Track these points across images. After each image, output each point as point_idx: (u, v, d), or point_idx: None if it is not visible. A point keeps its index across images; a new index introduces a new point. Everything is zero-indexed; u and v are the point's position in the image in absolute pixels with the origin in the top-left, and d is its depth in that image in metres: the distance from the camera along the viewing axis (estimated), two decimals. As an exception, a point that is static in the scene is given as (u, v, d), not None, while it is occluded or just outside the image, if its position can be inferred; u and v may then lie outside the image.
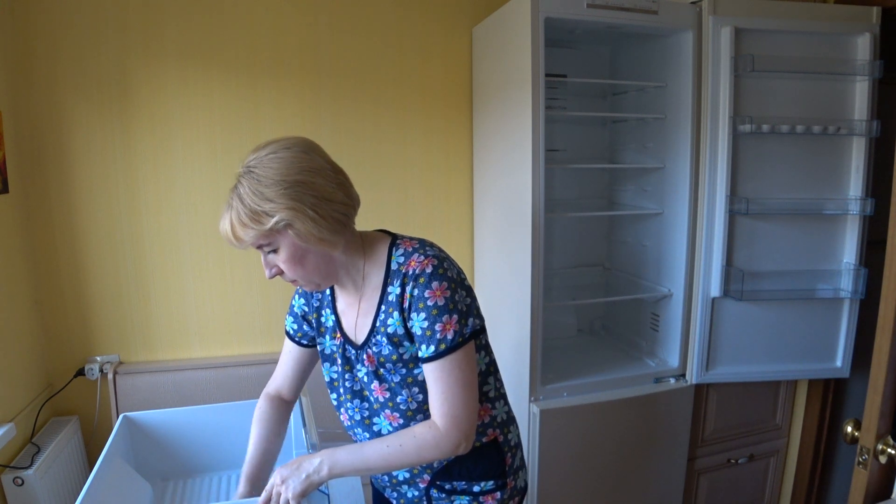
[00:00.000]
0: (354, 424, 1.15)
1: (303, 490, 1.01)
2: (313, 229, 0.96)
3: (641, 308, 2.18)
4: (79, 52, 1.88)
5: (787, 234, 1.89)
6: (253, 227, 0.95)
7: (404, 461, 1.02)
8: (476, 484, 1.11)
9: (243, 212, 0.95)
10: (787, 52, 1.79)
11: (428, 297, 0.99)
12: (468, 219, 2.37)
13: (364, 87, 2.17)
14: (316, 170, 0.97)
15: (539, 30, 1.70)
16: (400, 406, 1.07)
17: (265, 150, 0.98)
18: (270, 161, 0.96)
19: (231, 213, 0.96)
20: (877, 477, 1.13)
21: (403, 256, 1.04)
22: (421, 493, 1.13)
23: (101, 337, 2.04)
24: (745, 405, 2.13)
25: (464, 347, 1.00)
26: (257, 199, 0.94)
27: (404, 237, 1.09)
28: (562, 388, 1.88)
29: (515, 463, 1.17)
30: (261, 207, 0.94)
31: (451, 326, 0.99)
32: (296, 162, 0.96)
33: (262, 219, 0.94)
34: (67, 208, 1.94)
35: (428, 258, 1.01)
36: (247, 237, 0.96)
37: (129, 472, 1.30)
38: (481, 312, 1.08)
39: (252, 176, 0.96)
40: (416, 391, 1.06)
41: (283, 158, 0.96)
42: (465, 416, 1.00)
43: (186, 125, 2.00)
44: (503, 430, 1.14)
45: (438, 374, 1.00)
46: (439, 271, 1.00)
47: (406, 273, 1.01)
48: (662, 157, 2.02)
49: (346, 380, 1.13)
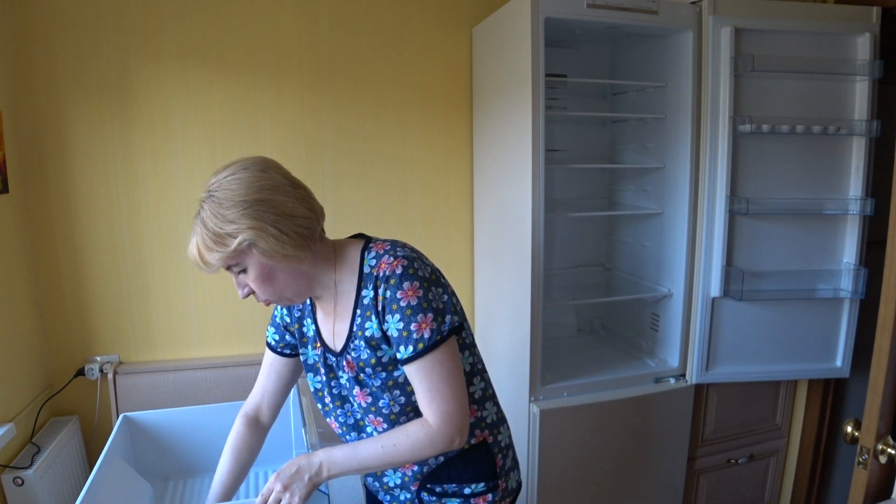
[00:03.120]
0: (347, 430, 1.15)
1: (307, 494, 1.02)
2: (277, 246, 0.97)
3: (641, 308, 2.18)
4: (79, 52, 1.88)
5: (787, 234, 1.89)
6: (218, 249, 0.96)
7: (400, 459, 1.02)
8: (467, 486, 1.11)
9: (207, 236, 0.96)
10: (786, 52, 1.79)
11: (400, 298, 0.99)
12: (468, 218, 2.37)
13: (364, 87, 2.17)
14: (274, 187, 0.98)
15: (539, 30, 1.70)
16: (382, 410, 1.07)
17: (224, 173, 0.98)
18: (229, 183, 0.97)
19: (196, 238, 0.97)
20: (877, 477, 1.13)
21: (375, 259, 1.04)
22: (413, 495, 1.13)
23: (101, 337, 2.04)
24: (745, 405, 2.13)
25: (444, 345, 1.00)
26: (219, 221, 0.95)
27: (377, 240, 1.09)
28: (562, 388, 1.88)
29: (507, 464, 1.16)
30: (223, 230, 0.95)
31: (426, 325, 0.99)
32: (254, 181, 0.97)
33: (225, 240, 0.95)
34: (67, 208, 1.94)
35: (397, 259, 1.01)
36: (213, 260, 0.97)
37: (129, 472, 1.30)
38: (461, 310, 1.08)
39: (213, 200, 0.96)
40: (397, 394, 1.06)
41: (241, 179, 0.97)
42: (455, 410, 1.00)
43: (186, 125, 2.00)
44: (493, 432, 1.14)
45: (422, 373, 1.00)
46: (409, 271, 1.00)
47: (377, 276, 1.01)
48: (662, 157, 2.02)
49: (332, 387, 1.13)
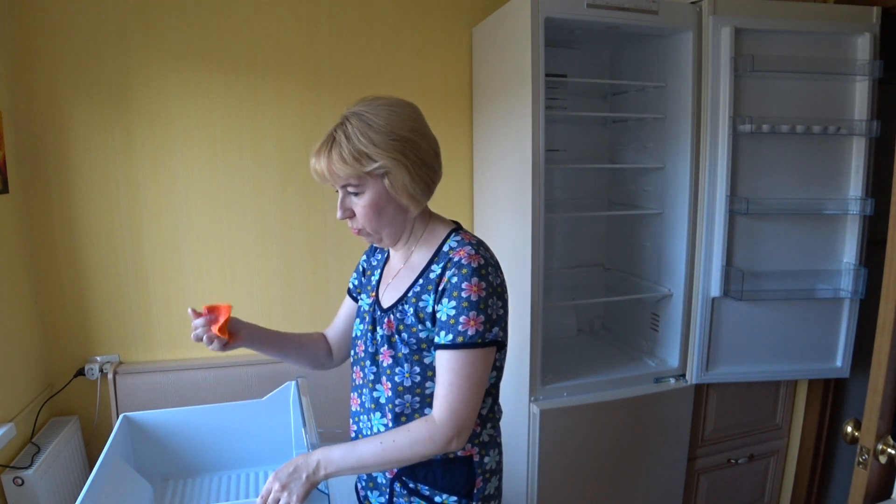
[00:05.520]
0: (362, 384, 1.15)
1: (305, 493, 1.02)
2: (408, 184, 1.01)
3: (641, 308, 2.18)
4: (79, 53, 1.88)
5: (787, 234, 1.89)
6: (353, 165, 0.99)
7: (398, 457, 1.01)
8: (438, 495, 1.09)
9: (348, 149, 0.98)
10: (786, 52, 1.79)
11: (464, 289, 0.99)
12: (468, 219, 2.37)
13: (364, 87, 2.16)
14: (423, 133, 1.03)
15: (539, 30, 1.70)
16: (395, 377, 1.07)
17: (378, 101, 1.02)
18: (382, 110, 1.00)
19: (334, 149, 1.00)
20: (877, 477, 1.12)
21: (457, 244, 1.06)
22: (387, 482, 1.13)
23: (101, 337, 2.04)
24: (745, 405, 2.13)
25: (481, 349, 1.00)
26: (366, 140, 0.98)
27: (468, 231, 1.12)
28: (562, 388, 1.88)
29: (487, 490, 1.12)
30: (366, 150, 0.98)
31: (474, 324, 0.99)
32: (407, 120, 1.01)
33: (363, 161, 0.98)
34: (67, 208, 1.94)
35: (478, 255, 1.03)
36: (342, 173, 1.00)
37: (129, 472, 1.30)
38: (508, 331, 1.08)
39: (363, 119, 0.99)
40: (416, 370, 1.06)
41: (395, 112, 1.01)
42: (464, 412, 0.99)
43: (186, 125, 2.00)
44: (481, 451, 1.11)
45: (450, 365, 1.00)
46: (482, 271, 1.01)
47: (451, 259, 1.03)
48: (662, 157, 2.02)
49: (368, 339, 1.14)
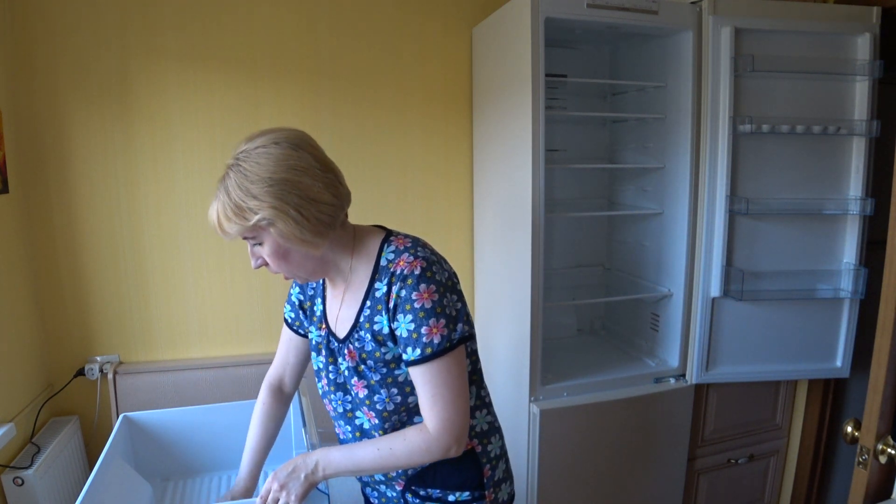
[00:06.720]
0: (338, 416, 1.14)
1: (304, 492, 1.02)
2: (295, 230, 0.95)
3: (641, 308, 2.18)
4: (79, 53, 1.88)
5: (787, 234, 1.89)
6: (237, 221, 0.94)
7: (395, 463, 1.01)
8: (451, 493, 1.09)
9: (228, 205, 0.94)
10: (786, 52, 1.79)
11: (415, 300, 0.97)
12: (468, 219, 2.37)
13: (364, 87, 2.17)
14: (303, 168, 0.95)
15: (539, 30, 1.70)
16: (377, 405, 1.06)
17: (255, 143, 0.96)
18: (258, 156, 0.94)
19: (218, 205, 0.96)
20: (877, 477, 1.12)
21: (394, 254, 1.02)
22: (398, 495, 1.12)
23: (101, 337, 2.04)
24: (745, 405, 2.13)
25: (452, 352, 0.98)
26: (242, 193, 0.93)
27: (398, 234, 1.08)
28: (562, 388, 1.88)
29: (497, 475, 1.13)
30: (245, 203, 0.93)
31: (437, 330, 0.97)
32: (283, 159, 0.94)
33: (245, 214, 0.94)
34: (67, 208, 1.94)
35: (417, 259, 0.99)
36: (231, 230, 0.96)
37: (129, 472, 1.30)
38: (472, 319, 1.06)
39: (239, 170, 0.94)
40: (394, 392, 1.05)
41: (270, 154, 0.94)
42: (455, 419, 0.98)
43: (187, 126, 2.00)
44: (481, 441, 1.12)
45: (427, 377, 0.98)
46: (427, 274, 0.98)
47: (394, 272, 0.99)
48: (662, 157, 2.02)
49: (329, 371, 1.12)
